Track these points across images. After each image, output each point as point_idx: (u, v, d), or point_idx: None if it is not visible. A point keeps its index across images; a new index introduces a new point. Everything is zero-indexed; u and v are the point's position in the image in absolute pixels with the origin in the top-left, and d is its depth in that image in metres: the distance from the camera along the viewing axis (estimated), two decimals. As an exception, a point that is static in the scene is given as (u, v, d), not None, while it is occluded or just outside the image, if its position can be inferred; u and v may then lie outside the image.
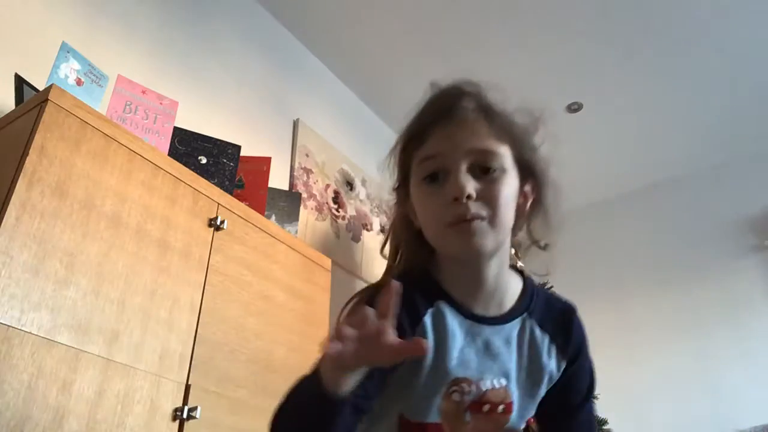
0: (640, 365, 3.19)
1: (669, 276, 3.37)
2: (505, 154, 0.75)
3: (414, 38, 2.76)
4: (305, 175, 2.63)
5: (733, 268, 3.22)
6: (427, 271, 0.80)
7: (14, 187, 1.11)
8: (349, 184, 2.92)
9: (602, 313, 3.21)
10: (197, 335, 1.38)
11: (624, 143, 3.39)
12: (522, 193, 0.78)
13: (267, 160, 2.00)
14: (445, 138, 0.74)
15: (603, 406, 2.53)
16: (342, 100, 3.10)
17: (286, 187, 2.49)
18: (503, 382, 0.77)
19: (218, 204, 1.58)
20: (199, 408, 1.29)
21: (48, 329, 1.09)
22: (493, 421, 0.77)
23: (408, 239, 0.82)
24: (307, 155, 2.69)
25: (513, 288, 0.81)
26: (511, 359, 0.78)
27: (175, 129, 1.68)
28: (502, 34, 2.72)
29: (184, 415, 1.27)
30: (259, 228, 1.70)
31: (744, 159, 3.41)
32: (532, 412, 0.82)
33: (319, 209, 2.63)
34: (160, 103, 1.64)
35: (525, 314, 0.80)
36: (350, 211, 2.85)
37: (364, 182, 3.02)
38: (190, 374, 1.33)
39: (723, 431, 2.81)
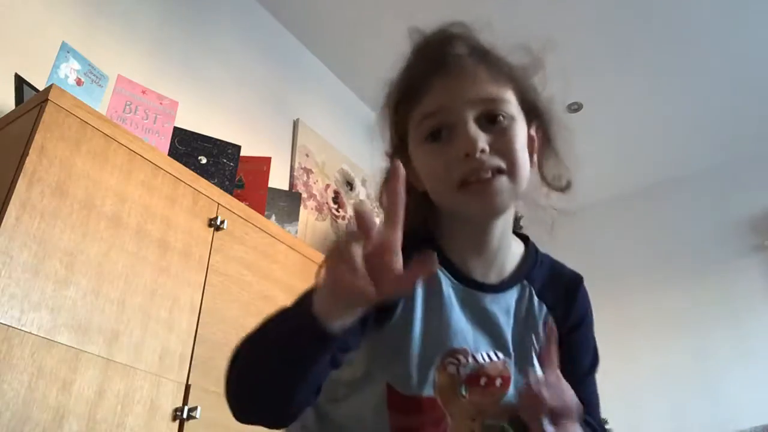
0: (640, 365, 3.19)
1: (669, 276, 3.37)
2: (510, 100, 0.68)
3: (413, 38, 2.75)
4: (305, 175, 2.64)
5: (733, 268, 3.22)
6: (427, 230, 0.74)
7: (14, 187, 1.11)
8: (349, 184, 2.92)
9: (602, 313, 3.20)
10: (197, 335, 1.38)
11: (624, 143, 3.38)
12: (528, 138, 0.71)
13: (267, 160, 2.00)
14: (444, 91, 0.66)
15: (602, 405, 2.53)
16: (342, 100, 3.10)
17: (286, 187, 2.49)
18: (500, 354, 0.72)
19: (218, 204, 1.58)
20: (199, 408, 1.29)
21: (48, 329, 1.09)
22: (490, 395, 0.72)
23: (408, 203, 0.78)
24: (307, 155, 2.69)
25: (514, 251, 0.76)
26: (509, 330, 0.73)
27: (175, 129, 1.68)
28: (502, 34, 2.71)
29: (184, 415, 1.27)
30: (259, 228, 1.70)
31: (744, 159, 3.41)
32: None
33: (319, 209, 2.63)
34: (160, 103, 1.64)
35: (525, 281, 0.74)
36: (350, 211, 2.85)
37: (364, 182, 3.02)
38: (190, 374, 1.33)
39: (723, 431, 2.81)
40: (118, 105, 1.54)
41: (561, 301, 0.76)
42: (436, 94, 0.67)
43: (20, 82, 1.50)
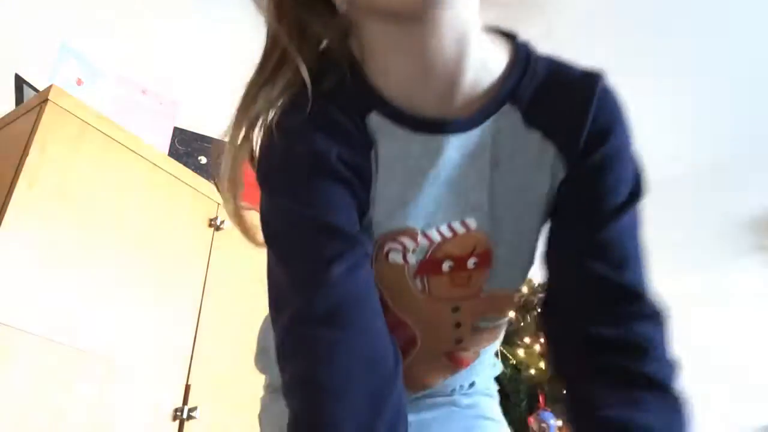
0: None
1: (668, 275, 3.37)
2: None
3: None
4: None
5: (732, 268, 3.22)
6: (349, 54, 0.50)
7: (14, 187, 1.11)
8: (349, 184, 2.91)
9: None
10: (197, 335, 1.38)
11: (624, 143, 3.39)
12: None
13: (267, 160, 2.00)
14: None
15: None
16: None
17: (286, 187, 2.49)
18: (472, 222, 0.50)
19: (218, 204, 1.58)
20: (199, 408, 1.29)
21: (48, 329, 1.09)
22: (462, 283, 0.52)
23: (313, 19, 0.49)
24: (307, 155, 2.69)
25: (490, 62, 0.49)
26: (483, 183, 0.49)
27: (175, 129, 1.68)
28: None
29: (184, 415, 1.27)
30: (260, 228, 1.70)
31: (744, 159, 3.41)
32: (529, 264, 0.54)
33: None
34: (160, 104, 1.64)
35: (508, 103, 0.48)
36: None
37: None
38: (190, 374, 1.33)
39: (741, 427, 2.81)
40: (119, 105, 1.54)
41: (564, 119, 0.49)
42: None
43: (20, 82, 1.50)
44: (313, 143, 0.47)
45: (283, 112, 0.49)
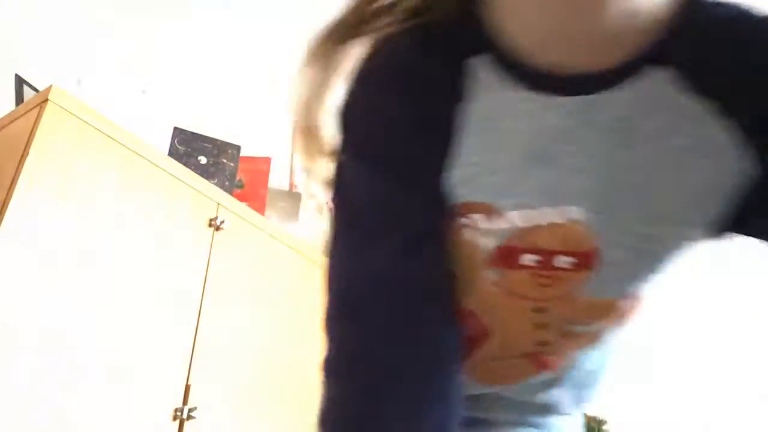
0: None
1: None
2: None
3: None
4: (306, 174, 2.63)
5: (734, 266, 3.22)
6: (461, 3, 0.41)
7: (14, 187, 1.11)
8: (349, 184, 2.91)
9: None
10: (197, 335, 1.38)
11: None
12: None
13: (267, 160, 2.00)
14: None
15: (602, 406, 2.53)
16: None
17: (286, 188, 2.49)
18: (574, 212, 0.38)
19: (218, 204, 1.58)
20: (199, 408, 1.29)
21: (48, 329, 1.09)
22: (548, 283, 0.41)
23: None
24: (307, 155, 2.69)
25: (645, 4, 0.35)
26: (601, 164, 0.37)
27: (175, 129, 1.68)
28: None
29: (184, 415, 1.27)
30: (259, 228, 1.70)
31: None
32: (653, 274, 0.41)
33: (319, 209, 2.62)
34: (160, 104, 1.64)
35: (661, 62, 0.36)
36: (350, 211, 2.84)
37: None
38: (190, 374, 1.33)
39: None
40: (119, 105, 1.54)
41: (747, 82, 0.35)
42: None
43: (20, 82, 1.51)
44: (387, 94, 0.41)
45: (368, 53, 0.42)
